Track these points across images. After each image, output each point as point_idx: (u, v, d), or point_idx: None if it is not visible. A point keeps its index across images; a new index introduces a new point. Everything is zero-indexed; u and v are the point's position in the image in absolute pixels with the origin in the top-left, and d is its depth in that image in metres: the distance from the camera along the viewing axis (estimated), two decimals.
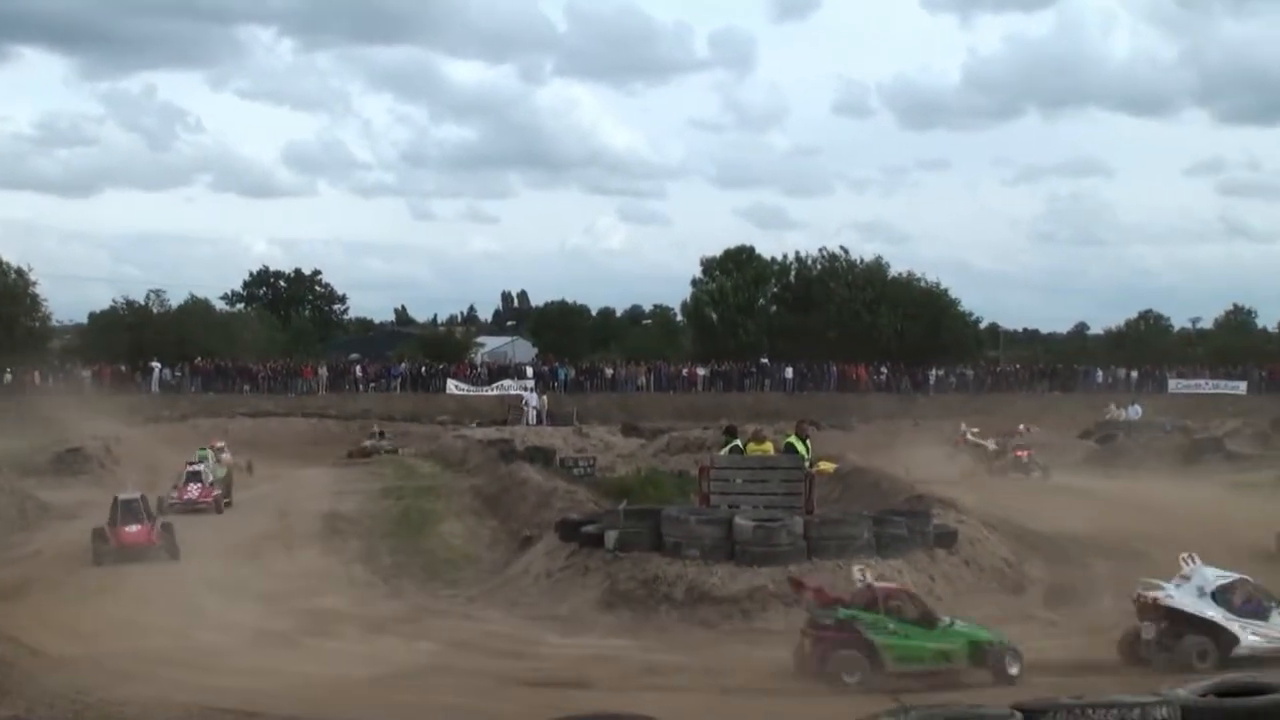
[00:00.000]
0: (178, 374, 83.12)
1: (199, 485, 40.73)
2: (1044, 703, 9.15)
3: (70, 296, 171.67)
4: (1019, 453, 50.99)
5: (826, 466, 29.25)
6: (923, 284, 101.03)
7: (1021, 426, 58.37)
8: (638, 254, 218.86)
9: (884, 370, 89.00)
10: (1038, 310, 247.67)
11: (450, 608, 25.90)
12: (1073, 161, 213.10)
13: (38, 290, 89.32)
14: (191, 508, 38.99)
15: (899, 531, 25.04)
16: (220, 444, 48.84)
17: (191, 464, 42.43)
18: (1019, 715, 8.87)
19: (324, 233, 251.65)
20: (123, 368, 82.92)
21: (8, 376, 79.44)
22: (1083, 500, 39.48)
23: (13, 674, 19.75)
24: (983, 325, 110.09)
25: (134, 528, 31.17)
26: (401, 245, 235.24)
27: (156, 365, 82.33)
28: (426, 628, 23.47)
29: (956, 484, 39.36)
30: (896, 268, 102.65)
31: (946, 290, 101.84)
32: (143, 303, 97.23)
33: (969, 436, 57.39)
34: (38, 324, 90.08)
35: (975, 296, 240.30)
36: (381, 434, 67.19)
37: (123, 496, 32.40)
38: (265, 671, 19.95)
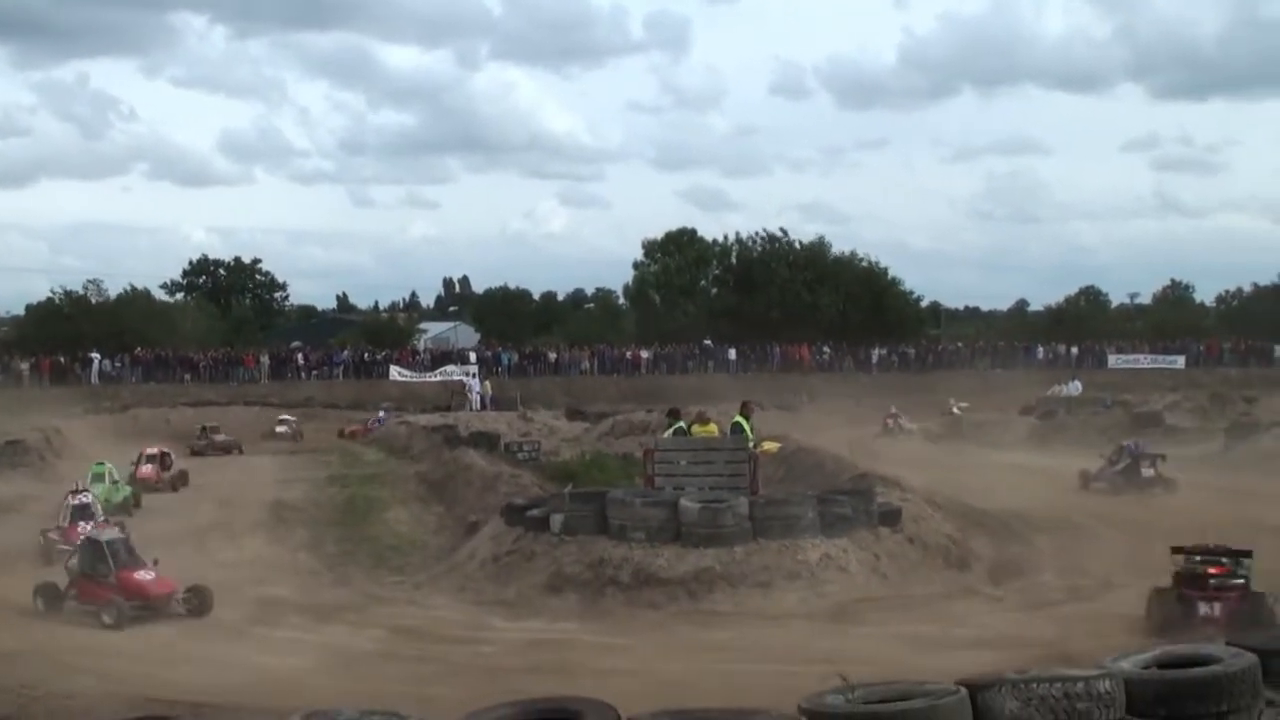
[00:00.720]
0: (118, 364, 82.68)
1: (90, 522, 30.78)
2: (989, 677, 9.20)
3: (6, 288, 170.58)
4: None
5: (770, 446, 29.40)
6: (864, 264, 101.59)
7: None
8: (579, 238, 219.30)
9: (826, 350, 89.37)
10: (978, 288, 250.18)
11: (397, 594, 25.87)
12: (1009, 140, 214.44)
13: None
14: None
15: (844, 510, 25.10)
16: (153, 450, 46.92)
17: (76, 493, 32.75)
18: (964, 690, 8.93)
19: (263, 221, 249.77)
20: (61, 359, 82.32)
21: None
22: (1025, 476, 39.79)
23: None
24: (924, 304, 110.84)
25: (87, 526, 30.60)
26: (342, 232, 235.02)
27: (96, 356, 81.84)
28: (374, 615, 23.43)
29: (899, 462, 39.49)
30: (838, 248, 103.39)
31: (887, 269, 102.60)
32: (81, 293, 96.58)
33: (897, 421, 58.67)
34: None
35: (916, 275, 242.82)
36: (213, 429, 63.72)
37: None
38: (213, 662, 19.91)
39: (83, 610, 23.56)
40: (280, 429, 68.58)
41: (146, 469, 44.40)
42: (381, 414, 69.86)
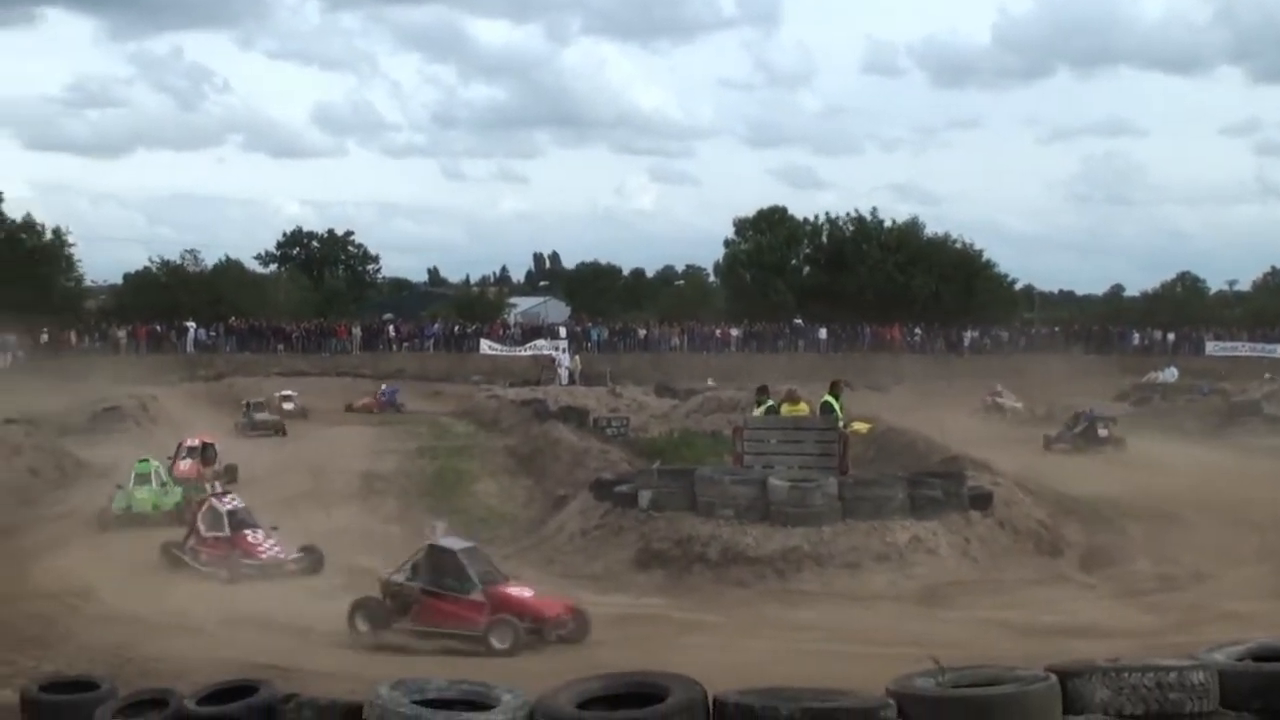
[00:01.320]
0: (212, 334, 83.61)
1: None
2: (1079, 665, 9.09)
3: (105, 257, 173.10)
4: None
5: (861, 427, 29.24)
6: (958, 245, 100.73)
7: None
8: (669, 214, 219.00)
9: (918, 331, 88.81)
10: (1073, 272, 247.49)
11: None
12: (1105, 121, 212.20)
13: (73, 251, 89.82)
14: None
15: (934, 493, 24.93)
16: (193, 441, 37.13)
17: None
18: (1053, 677, 8.83)
19: (355, 194, 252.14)
20: (158, 328, 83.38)
21: (44, 336, 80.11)
22: (1119, 464, 39.37)
23: (55, 629, 19.99)
24: (1018, 287, 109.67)
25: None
26: (433, 206, 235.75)
27: (191, 325, 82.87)
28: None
29: (991, 446, 39.14)
30: (930, 229, 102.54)
31: (981, 252, 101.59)
32: (178, 262, 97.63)
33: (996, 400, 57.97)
34: (73, 284, 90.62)
35: (1010, 258, 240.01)
36: (258, 405, 56.98)
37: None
38: (304, 628, 20.09)
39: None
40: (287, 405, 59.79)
41: (185, 464, 35.68)
42: (385, 387, 68.62)
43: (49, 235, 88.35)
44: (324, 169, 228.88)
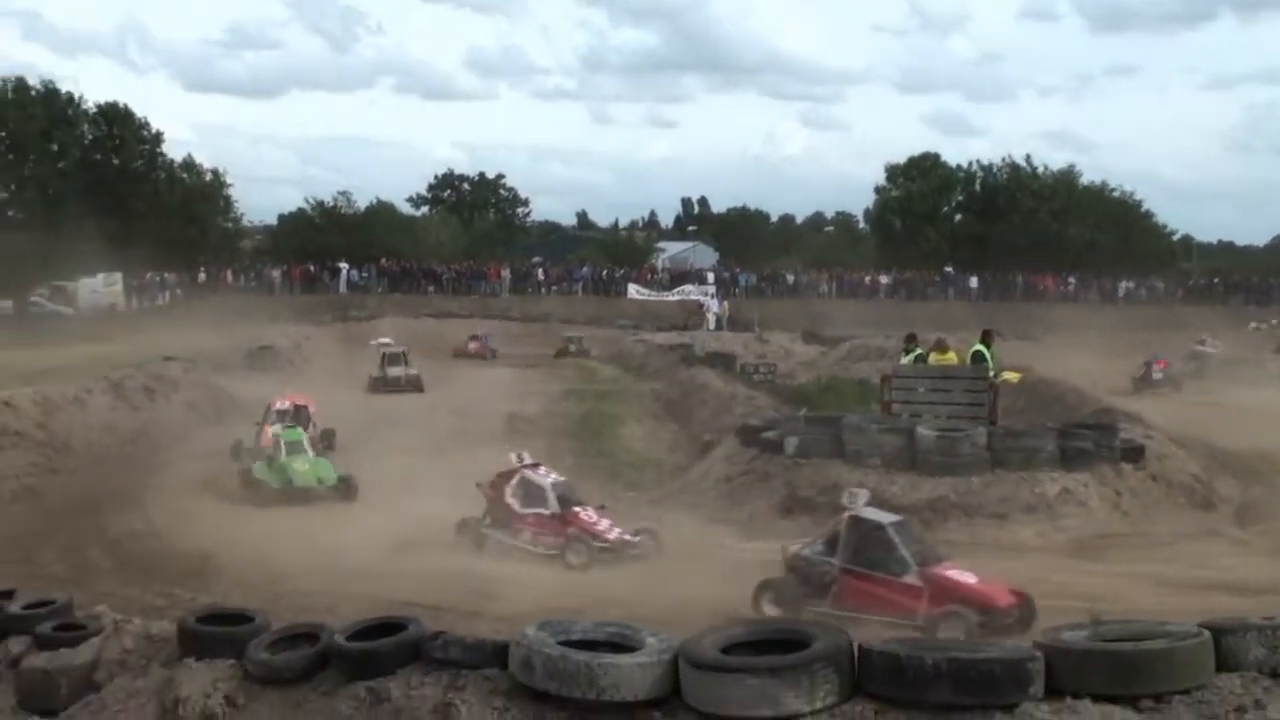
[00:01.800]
0: (364, 275, 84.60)
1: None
2: (1233, 621, 8.95)
3: (260, 198, 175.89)
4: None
5: (1012, 377, 28.88)
6: (1115, 194, 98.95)
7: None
8: (818, 160, 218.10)
9: (1072, 281, 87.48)
10: (1233, 222, 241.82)
11: (631, 509, 26.07)
12: (1270, 68, 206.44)
13: (231, 192, 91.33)
14: None
15: (1084, 445, 24.60)
16: (284, 404, 32.69)
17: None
18: (1206, 633, 8.70)
19: (506, 137, 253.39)
20: (311, 268, 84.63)
21: (202, 275, 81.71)
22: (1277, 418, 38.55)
23: (211, 563, 20.48)
24: (1175, 237, 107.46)
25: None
26: (582, 150, 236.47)
27: (344, 266, 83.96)
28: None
29: (1143, 398, 38.53)
30: (1086, 177, 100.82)
31: (1140, 201, 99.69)
32: (331, 204, 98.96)
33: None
34: (231, 224, 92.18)
35: (1168, 207, 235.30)
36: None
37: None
38: (451, 568, 20.34)
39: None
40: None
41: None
42: (480, 333, 68.67)
43: (208, 176, 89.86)
44: (475, 112, 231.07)
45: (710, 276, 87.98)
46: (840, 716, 8.43)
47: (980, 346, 27.64)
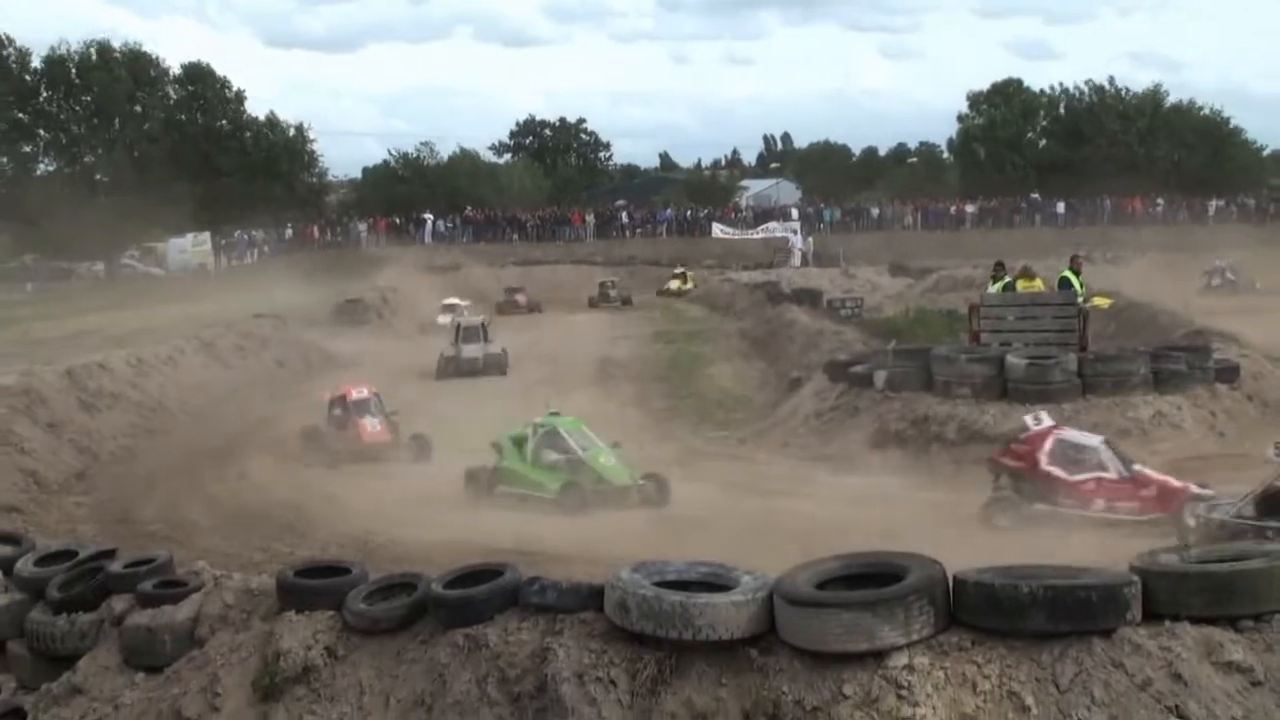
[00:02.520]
0: (450, 225, 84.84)
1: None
2: None
3: (342, 152, 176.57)
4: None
5: (1102, 302, 28.59)
6: (1203, 112, 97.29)
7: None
8: (899, 91, 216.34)
9: (1160, 202, 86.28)
10: None
11: (721, 449, 26.13)
12: None
13: (314, 147, 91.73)
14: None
15: (1178, 367, 24.36)
16: (361, 394, 28.34)
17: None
18: None
19: (585, 82, 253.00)
20: (396, 220, 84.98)
21: (289, 232, 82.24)
22: None
23: (307, 516, 20.72)
24: (1266, 153, 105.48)
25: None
26: (662, 91, 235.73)
27: (429, 217, 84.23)
28: (699, 469, 23.65)
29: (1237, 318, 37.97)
30: (1172, 96, 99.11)
31: (1229, 119, 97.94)
32: (414, 155, 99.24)
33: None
34: (316, 180, 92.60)
35: (1258, 123, 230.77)
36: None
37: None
38: (545, 515, 20.47)
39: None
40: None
41: (373, 424, 27.61)
42: (515, 285, 66.35)
43: (291, 132, 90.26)
44: (553, 57, 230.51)
45: (794, 213, 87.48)
46: (936, 648, 8.45)
47: (1068, 273, 27.34)
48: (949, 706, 8.11)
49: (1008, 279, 28.34)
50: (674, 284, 68.63)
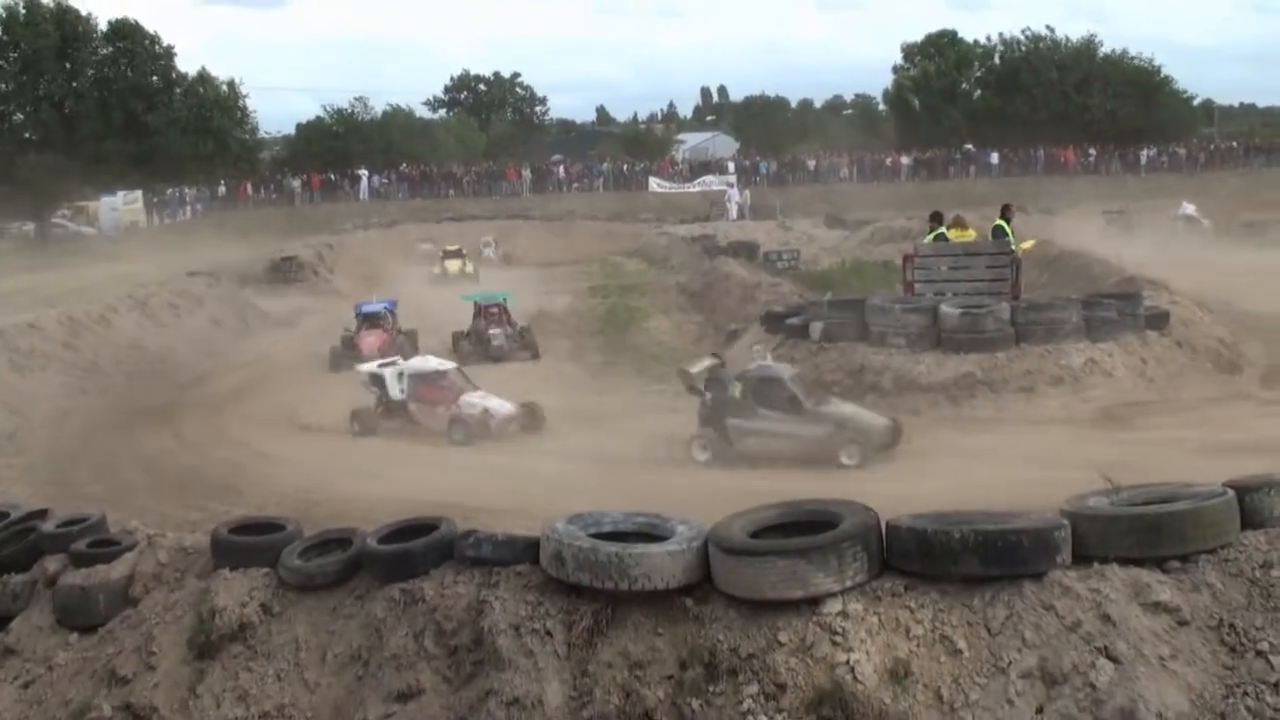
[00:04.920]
0: (385, 181, 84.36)
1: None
2: (1257, 479, 8.99)
3: (276, 108, 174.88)
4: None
5: (1028, 245, 28.68)
6: (1135, 62, 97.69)
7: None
8: (835, 43, 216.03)
9: (1092, 152, 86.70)
10: (1253, 83, 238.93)
11: (660, 402, 26.17)
12: None
13: (247, 103, 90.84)
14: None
15: (1109, 314, 24.56)
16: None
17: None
18: (1230, 493, 8.75)
19: (519, 33, 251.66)
20: (332, 176, 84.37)
21: (222, 189, 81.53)
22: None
23: (243, 475, 20.67)
24: (1196, 102, 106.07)
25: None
26: (597, 44, 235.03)
27: (365, 173, 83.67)
28: (638, 423, 23.75)
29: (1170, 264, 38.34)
30: (1107, 46, 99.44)
31: (1159, 68, 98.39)
32: (348, 111, 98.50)
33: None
34: (248, 136, 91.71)
35: (1186, 71, 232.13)
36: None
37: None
38: (485, 467, 20.50)
39: None
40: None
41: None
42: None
43: (223, 88, 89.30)
44: (485, 7, 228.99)
45: (730, 166, 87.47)
46: (870, 593, 8.54)
47: (1001, 222, 27.47)
48: (883, 651, 8.20)
49: (940, 229, 28.45)
50: (449, 265, 54.08)
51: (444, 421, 24.13)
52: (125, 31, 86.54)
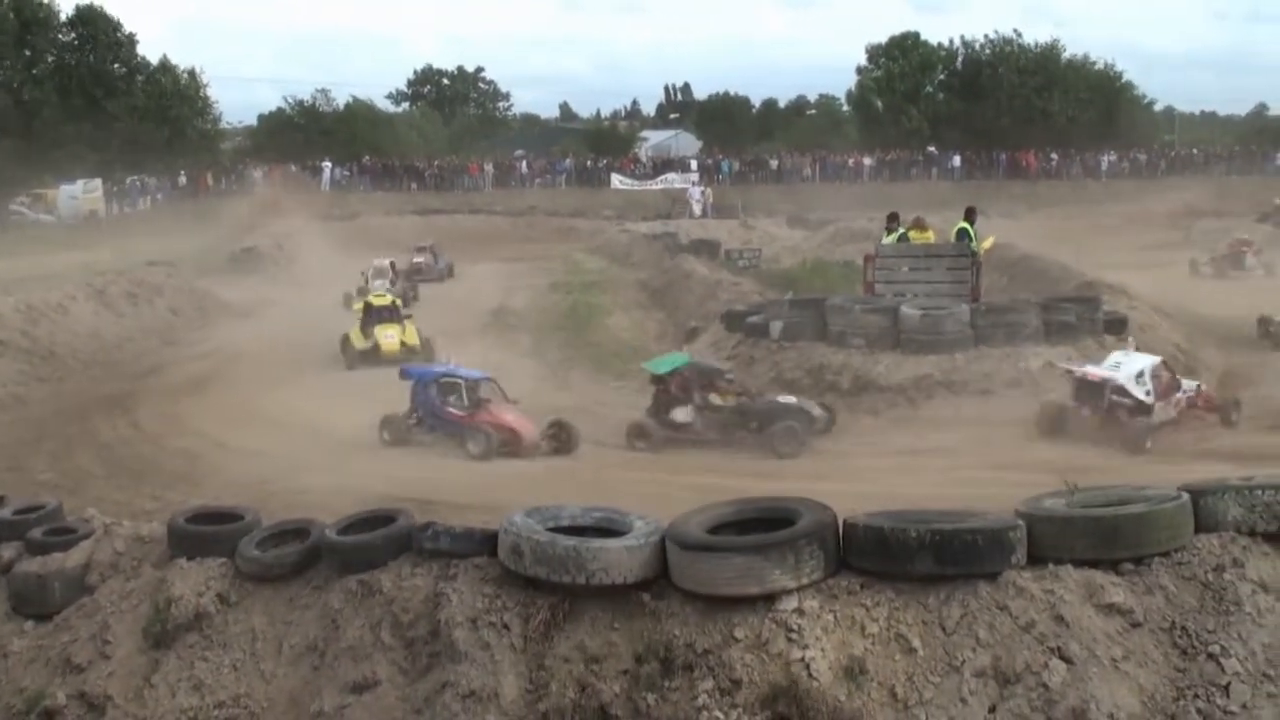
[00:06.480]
0: (347, 173, 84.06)
1: None
2: (1211, 483, 9.07)
3: (237, 98, 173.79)
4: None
5: (987, 244, 28.80)
6: (1097, 67, 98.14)
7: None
8: (800, 43, 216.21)
9: (1054, 157, 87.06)
10: (1214, 91, 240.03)
11: (620, 399, 26.17)
12: None
13: (208, 92, 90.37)
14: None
15: (1067, 318, 24.75)
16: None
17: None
18: (1185, 496, 8.82)
19: (485, 28, 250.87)
20: (293, 168, 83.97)
21: (182, 178, 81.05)
22: (1260, 286, 38.64)
23: (201, 465, 20.60)
24: (1157, 108, 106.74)
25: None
26: (561, 40, 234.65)
27: (327, 165, 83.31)
28: (598, 419, 23.75)
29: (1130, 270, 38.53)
30: (1069, 51, 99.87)
31: (1121, 73, 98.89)
32: (310, 102, 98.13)
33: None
34: (210, 126, 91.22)
35: (1149, 79, 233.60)
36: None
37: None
38: (444, 463, 20.48)
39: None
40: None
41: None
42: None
43: (184, 77, 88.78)
44: (450, 2, 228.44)
45: (693, 164, 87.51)
46: (826, 591, 8.57)
47: (964, 224, 27.59)
48: (838, 649, 8.23)
49: (901, 230, 28.54)
50: (382, 338, 32.56)
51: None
52: (88, 18, 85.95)
